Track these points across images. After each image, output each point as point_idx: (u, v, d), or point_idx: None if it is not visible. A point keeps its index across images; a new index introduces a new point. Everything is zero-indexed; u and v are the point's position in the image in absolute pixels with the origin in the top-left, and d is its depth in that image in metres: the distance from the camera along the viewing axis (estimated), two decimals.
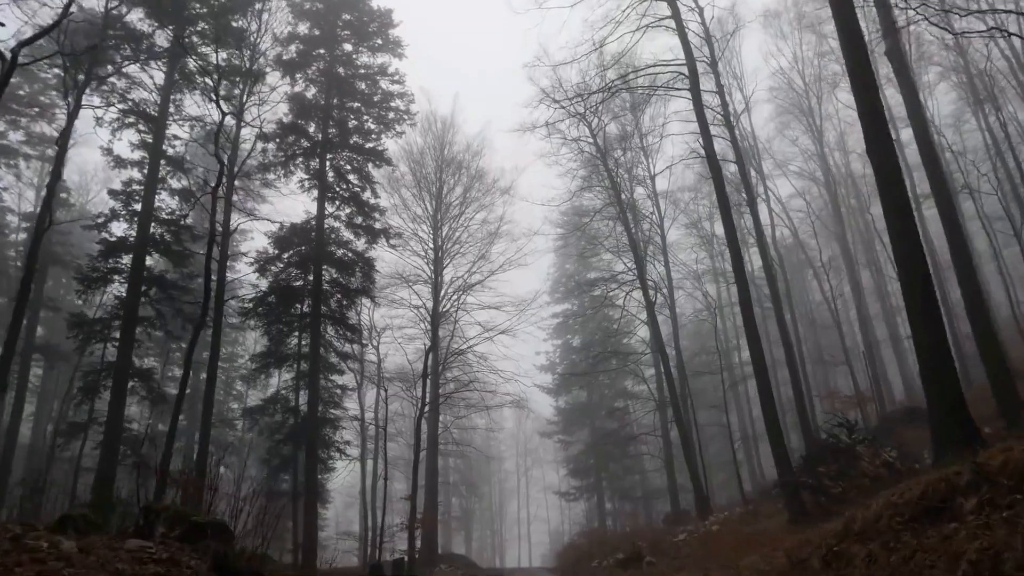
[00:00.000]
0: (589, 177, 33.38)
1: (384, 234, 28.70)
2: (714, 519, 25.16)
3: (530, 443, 73.33)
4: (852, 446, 18.55)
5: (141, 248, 24.50)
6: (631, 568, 21.26)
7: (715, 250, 49.47)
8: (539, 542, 74.08)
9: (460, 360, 34.43)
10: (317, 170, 27.76)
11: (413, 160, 35.95)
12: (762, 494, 28.38)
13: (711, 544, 20.11)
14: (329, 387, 28.54)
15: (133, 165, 26.21)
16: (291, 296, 27.08)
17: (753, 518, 22.92)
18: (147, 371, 24.79)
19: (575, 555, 31.45)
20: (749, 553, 17.11)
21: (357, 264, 27.94)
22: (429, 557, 31.21)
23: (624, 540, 30.09)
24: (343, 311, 27.70)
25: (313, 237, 27.24)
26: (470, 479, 59.16)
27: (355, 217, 28.45)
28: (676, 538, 24.26)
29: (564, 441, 52.19)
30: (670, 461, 36.98)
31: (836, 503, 17.29)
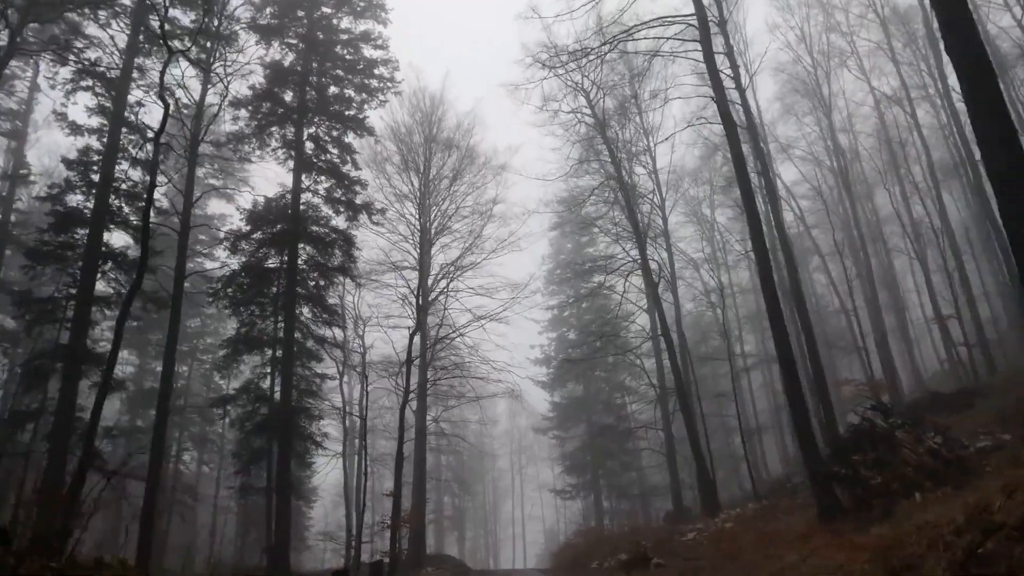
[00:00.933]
0: (587, 151, 30.78)
1: (366, 209, 26.13)
2: (725, 516, 22.65)
3: (524, 440, 70.71)
4: (890, 431, 16.04)
5: (99, 221, 21.89)
6: (636, 570, 18.72)
7: (716, 238, 47.07)
8: (534, 542, 71.44)
9: (450, 348, 31.83)
10: (293, 139, 25.21)
11: (400, 139, 33.41)
12: (774, 489, 25.89)
13: (727, 544, 17.59)
14: (307, 375, 25.96)
15: (91, 132, 23.71)
16: (264, 276, 24.54)
17: (770, 515, 20.40)
18: (102, 355, 22.08)
19: (572, 555, 28.91)
20: (776, 553, 14.60)
21: (336, 241, 25.35)
22: (416, 559, 28.60)
23: (624, 539, 27.52)
24: (320, 291, 25.10)
25: (288, 212, 24.65)
26: (463, 477, 56.42)
27: (335, 191, 25.92)
28: (684, 537, 21.75)
29: (560, 437, 49.62)
30: (672, 456, 34.48)
31: (876, 496, 14.82)
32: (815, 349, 20.80)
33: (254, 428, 23.17)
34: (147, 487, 18.40)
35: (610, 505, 47.44)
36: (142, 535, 18.04)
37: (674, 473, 34.20)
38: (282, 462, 22.21)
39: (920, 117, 34.64)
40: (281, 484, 22.13)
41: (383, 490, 26.97)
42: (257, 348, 24.16)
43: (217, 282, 23.88)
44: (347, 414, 27.10)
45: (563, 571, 26.33)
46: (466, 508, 65.48)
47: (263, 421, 23.12)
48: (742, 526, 19.53)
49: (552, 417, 49.96)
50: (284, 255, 24.51)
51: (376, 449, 47.57)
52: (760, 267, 17.65)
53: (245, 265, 24.16)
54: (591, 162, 31.00)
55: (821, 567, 10.96)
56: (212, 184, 27.82)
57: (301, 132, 25.32)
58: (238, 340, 23.81)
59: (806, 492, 22.56)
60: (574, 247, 44.95)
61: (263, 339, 24.16)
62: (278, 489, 22.24)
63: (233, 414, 24.81)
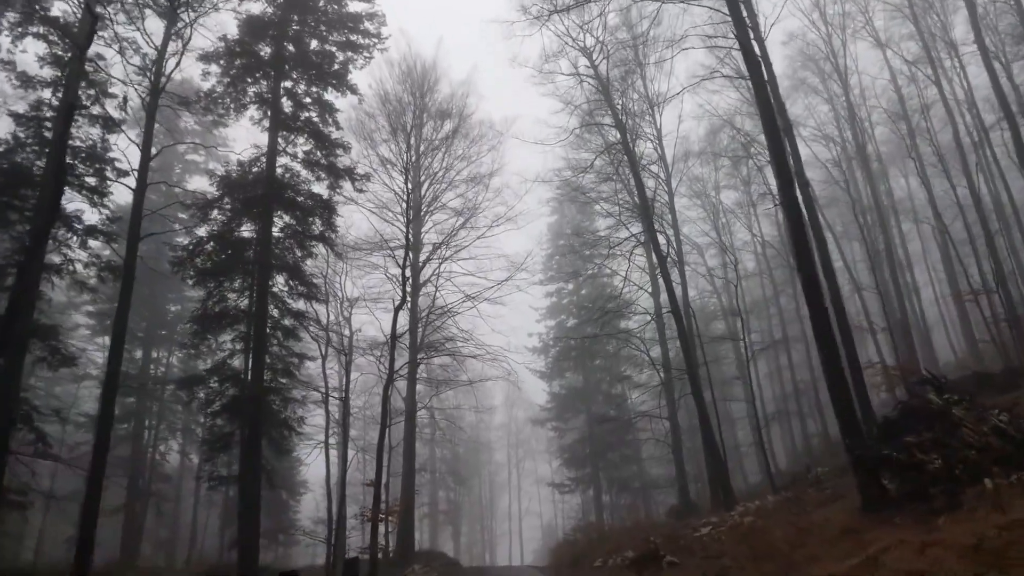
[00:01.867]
0: (590, 115, 28.09)
1: (349, 175, 23.54)
2: (742, 510, 20.04)
3: (522, 433, 68.12)
4: (946, 408, 13.46)
5: (55, 183, 19.25)
6: (648, 570, 16.18)
7: (720, 223, 44.52)
8: (531, 537, 68.76)
9: (442, 330, 29.24)
10: (268, 95, 22.62)
11: (389, 107, 30.75)
12: (792, 481, 23.32)
13: (753, 540, 15.01)
14: (283, 355, 23.36)
15: (44, 86, 21.14)
16: (236, 245, 21.92)
17: (796, 508, 17.84)
18: (52, 328, 19.51)
19: (571, 552, 26.35)
20: (820, 552, 12.06)
21: (316, 208, 22.76)
22: (403, 555, 26.05)
23: (628, 535, 24.97)
24: (298, 262, 22.51)
25: (263, 176, 22.08)
26: (458, 470, 53.78)
27: (314, 153, 23.31)
28: (697, 533, 19.16)
29: (558, 428, 47.02)
30: (678, 446, 31.99)
31: (935, 483, 12.28)
32: (847, 327, 18.20)
33: (220, 410, 20.56)
34: (89, 478, 15.79)
35: (610, 499, 44.84)
36: (82, 535, 15.44)
37: (680, 464, 31.68)
38: (250, 447, 19.65)
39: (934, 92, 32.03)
40: (249, 471, 19.56)
41: (365, 480, 24.10)
42: (227, 324, 21.52)
43: (182, 251, 21.25)
44: (329, 397, 24.41)
45: (563, 569, 23.77)
46: (461, 503, 62.84)
47: (230, 402, 20.54)
48: (766, 520, 16.93)
49: (550, 408, 47.44)
50: (257, 223, 21.92)
51: (367, 439, 44.96)
52: (791, 227, 15.16)
53: (213, 232, 21.54)
54: (593, 126, 28.37)
55: (897, 572, 8.43)
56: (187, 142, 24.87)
57: (278, 88, 22.75)
58: (206, 316, 21.15)
59: (833, 482, 20.07)
60: (573, 229, 42.19)
61: (234, 314, 21.53)
62: (246, 477, 19.67)
63: (201, 397, 22.11)
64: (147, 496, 34.73)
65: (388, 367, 20.70)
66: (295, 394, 23.75)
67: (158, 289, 35.73)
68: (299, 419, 22.92)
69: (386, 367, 21.24)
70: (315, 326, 25.05)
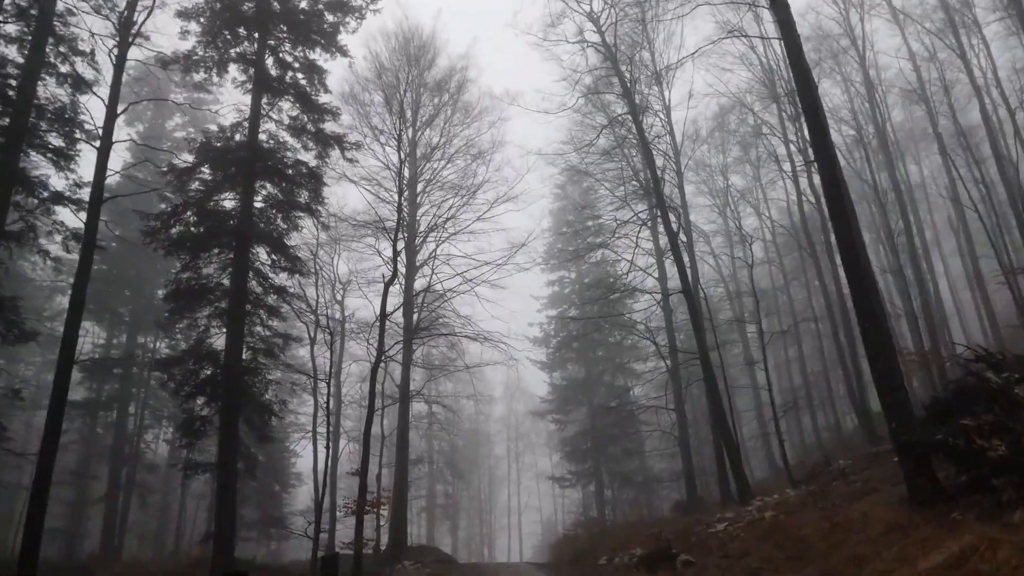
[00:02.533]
0: (596, 84, 26.15)
1: (338, 143, 21.65)
2: (760, 505, 18.24)
3: (522, 426, 66.25)
4: (1007, 387, 11.58)
5: (15, 142, 17.46)
6: (661, 570, 14.34)
7: (729, 211, 42.70)
8: (531, 533, 66.89)
9: (439, 313, 27.34)
10: (252, 54, 20.75)
11: (384, 80, 28.84)
12: (813, 474, 21.41)
13: (781, 538, 13.19)
14: (266, 336, 21.51)
15: (9, 42, 19.35)
16: (215, 216, 20.05)
17: (822, 501, 16.00)
18: (10, 300, 17.67)
19: (572, 549, 24.53)
20: (868, 552, 10.24)
21: (301, 177, 20.90)
22: (395, 551, 24.22)
23: (633, 532, 23.13)
24: (282, 235, 20.66)
25: (246, 143, 20.23)
26: (456, 463, 51.79)
27: (301, 119, 21.42)
28: (712, 529, 17.35)
29: (559, 420, 45.15)
30: (685, 437, 30.16)
31: (1000, 473, 10.48)
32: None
33: (193, 390, 18.69)
34: (39, 464, 13.97)
35: (612, 494, 42.92)
36: (29, 529, 13.60)
37: (687, 457, 29.87)
38: (226, 432, 17.80)
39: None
40: (224, 458, 17.72)
41: (350, 469, 22.01)
42: (205, 300, 19.60)
43: (155, 219, 19.37)
44: (319, 383, 22.53)
45: (563, 567, 21.94)
46: (460, 497, 60.97)
47: (203, 382, 18.69)
48: (791, 516, 15.10)
49: (551, 400, 45.55)
50: (238, 191, 20.07)
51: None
52: (828, 185, 13.26)
53: (190, 201, 19.68)
54: (599, 96, 26.48)
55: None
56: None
57: (263, 47, 20.89)
58: (180, 291, 19.24)
59: (860, 475, 18.25)
60: (577, 206, 40.07)
61: (212, 288, 19.65)
62: (219, 465, 17.86)
63: (178, 379, 20.20)
64: (131, 487, 32.92)
65: (378, 347, 18.82)
66: (280, 378, 21.89)
67: (145, 272, 33.99)
68: (281, 402, 21.03)
69: (376, 348, 19.36)
70: (303, 306, 23.24)
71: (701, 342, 21.09)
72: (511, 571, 21.87)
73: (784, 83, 30.46)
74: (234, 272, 19.16)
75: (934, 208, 44.91)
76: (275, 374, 21.81)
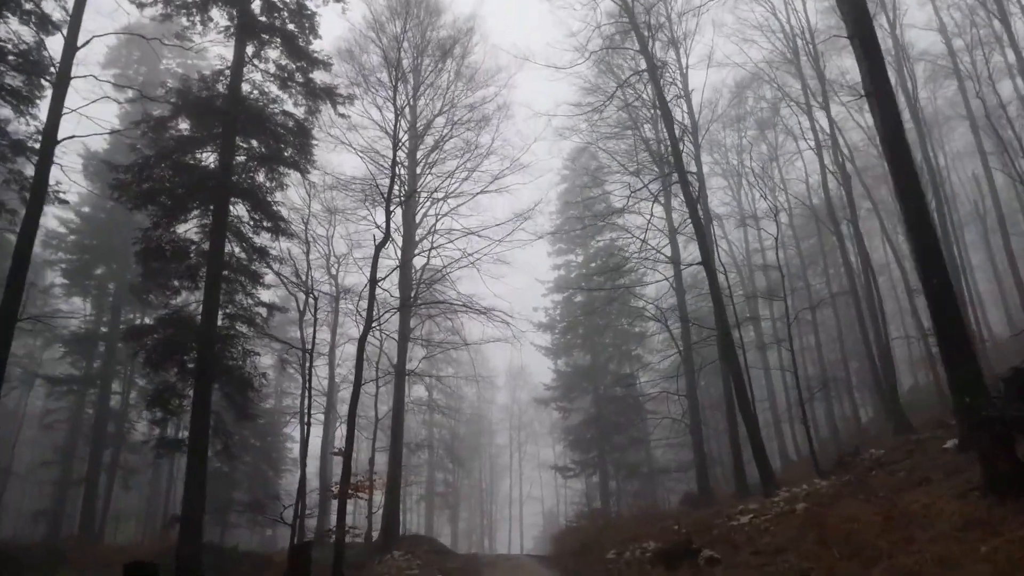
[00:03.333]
0: (611, 39, 23.93)
1: (329, 96, 19.61)
2: (787, 496, 16.19)
3: (524, 415, 64.19)
4: None
5: None
6: (681, 568, 12.31)
7: (744, 192, 40.60)
8: (532, 524, 64.88)
9: (438, 287, 25.32)
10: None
11: (385, 43, 26.70)
12: (842, 464, 19.36)
13: (822, 532, 11.16)
14: (249, 305, 19.50)
15: None
16: (193, 172, 18.04)
17: (862, 491, 13.97)
18: None
19: (578, 541, 22.53)
20: (946, 550, 8.23)
21: (288, 134, 18.87)
22: (387, 541, 22.28)
23: (642, 524, 21.18)
24: (265, 193, 18.65)
25: (227, 91, 18.23)
26: (457, 452, 49.74)
27: (289, 67, 19.38)
28: (734, 521, 15.35)
29: (563, 408, 43.10)
30: (697, 426, 28.21)
31: None
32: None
33: (160, 357, 16.70)
34: None
35: (616, 485, 40.89)
36: None
37: (699, 446, 27.93)
38: (198, 405, 15.85)
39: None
40: (196, 434, 15.78)
41: (333, 449, 19.62)
42: (178, 261, 17.55)
43: (125, 171, 17.36)
44: (307, 352, 20.51)
45: (567, 559, 19.93)
46: (460, 486, 58.98)
47: (173, 349, 16.68)
48: (828, 509, 13.05)
49: (556, 387, 43.49)
50: (218, 143, 18.07)
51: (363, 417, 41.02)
52: (885, 121, 11.17)
53: (164, 152, 17.67)
54: (617, 49, 24.33)
55: None
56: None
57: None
58: (150, 250, 17.23)
59: (900, 464, 16.19)
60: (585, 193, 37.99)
61: (186, 248, 17.65)
62: (191, 441, 15.89)
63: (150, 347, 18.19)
64: (115, 468, 31.04)
65: (366, 315, 16.80)
66: (262, 349, 19.88)
67: (132, 243, 31.99)
68: (262, 375, 19.02)
69: (365, 317, 17.31)
70: (291, 277, 21.24)
71: (721, 316, 18.98)
72: (510, 564, 19.90)
73: (809, 49, 28.34)
74: (212, 231, 17.23)
75: (955, 195, 42.65)
76: (257, 346, 19.81)
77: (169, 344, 16.87)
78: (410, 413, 40.09)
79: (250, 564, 20.10)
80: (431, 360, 30.18)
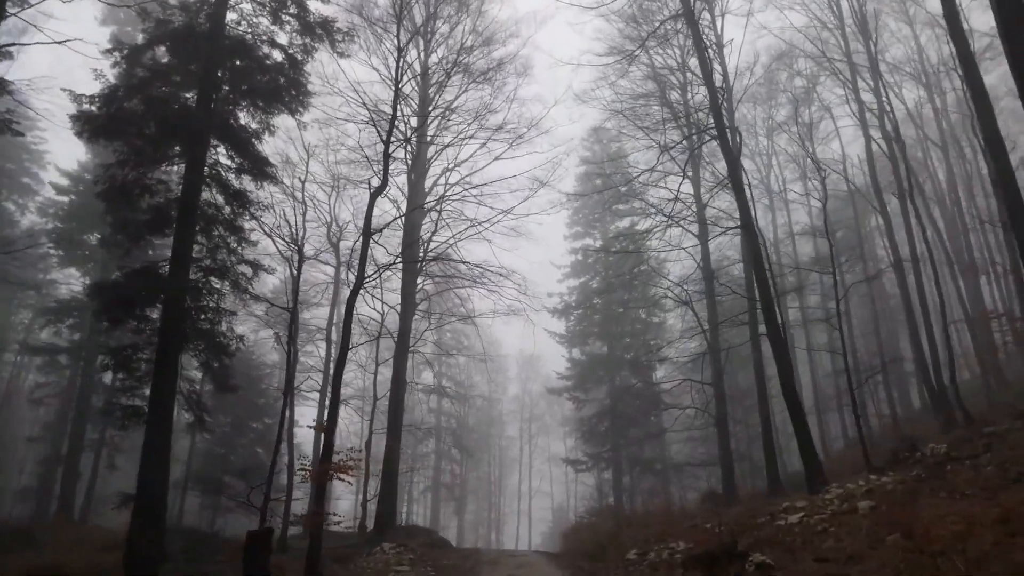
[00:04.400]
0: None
1: (326, 30, 17.18)
2: (843, 493, 13.58)
3: (536, 408, 61.67)
4: None
5: None
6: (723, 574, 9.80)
7: (774, 175, 37.89)
8: (541, 519, 62.31)
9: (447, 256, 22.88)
10: None
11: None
12: (897, 459, 16.73)
13: (902, 535, 8.63)
14: (232, 262, 17.11)
15: None
16: (165, 105, 15.69)
17: (942, 488, 11.40)
18: None
19: (591, 539, 20.01)
20: None
21: (278, 68, 16.49)
22: (380, 532, 19.89)
23: (666, 522, 18.60)
24: (249, 134, 16.28)
25: (210, 19, 15.89)
26: (465, 442, 47.15)
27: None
28: (781, 521, 12.79)
29: (577, 399, 40.56)
30: (723, 418, 25.65)
31: None
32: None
33: (119, 311, 14.34)
34: None
35: (630, 481, 38.28)
36: None
37: (724, 438, 25.32)
38: (161, 367, 13.52)
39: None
40: (158, 397, 13.45)
41: (312, 423, 16.91)
42: (143, 198, 15.16)
43: (91, 100, 15.03)
44: (287, 308, 18.10)
45: (581, 559, 17.42)
46: (468, 478, 56.51)
47: (132, 302, 14.32)
48: (901, 509, 10.46)
49: (570, 376, 40.92)
50: (197, 76, 15.72)
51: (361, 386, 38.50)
52: None
53: (135, 84, 15.35)
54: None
55: None
56: None
57: None
58: (114, 189, 14.88)
59: (980, 458, 13.59)
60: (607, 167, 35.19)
61: (154, 188, 15.29)
62: (151, 408, 13.57)
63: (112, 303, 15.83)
64: (101, 445, 28.84)
65: (358, 271, 14.39)
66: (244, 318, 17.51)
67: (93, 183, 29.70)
68: (239, 339, 16.59)
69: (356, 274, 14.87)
70: (281, 234, 18.86)
71: (764, 284, 16.32)
72: (516, 562, 17.44)
73: (856, 12, 25.66)
74: (187, 169, 14.90)
75: None
76: (238, 308, 17.47)
77: (130, 295, 14.48)
78: (415, 395, 37.80)
79: (229, 551, 17.92)
80: (439, 339, 27.85)
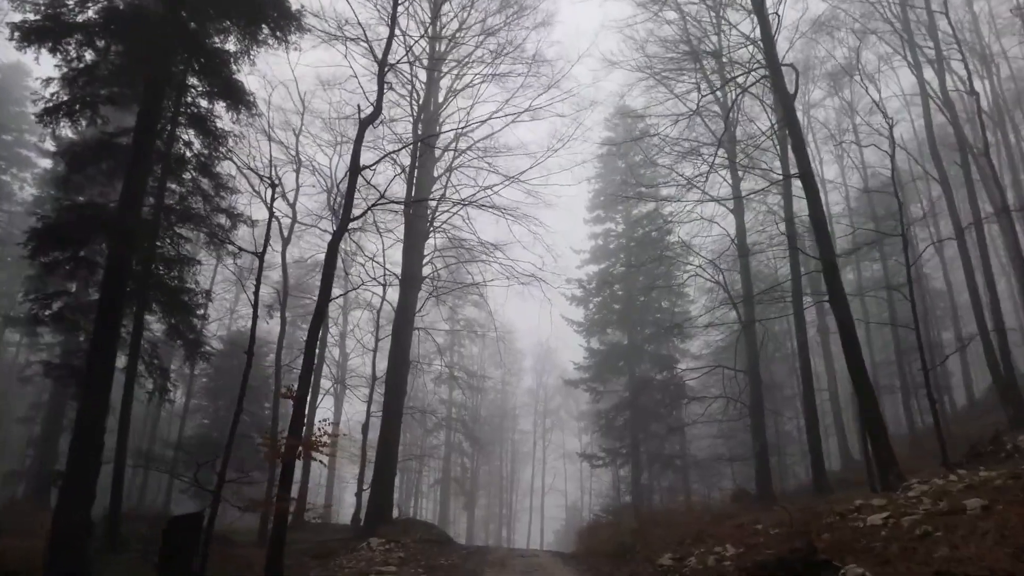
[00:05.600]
0: None
1: None
2: (930, 490, 10.74)
3: (551, 401, 58.83)
4: None
5: None
6: None
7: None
8: (554, 517, 59.35)
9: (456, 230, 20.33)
10: None
11: None
12: (974, 452, 13.93)
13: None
14: (201, 210, 14.57)
15: None
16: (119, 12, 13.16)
17: None
18: None
19: (611, 539, 17.35)
20: None
21: None
22: (372, 523, 17.29)
23: (703, 520, 15.87)
24: (224, 53, 13.71)
25: None
26: (477, 434, 44.37)
27: None
28: (856, 523, 10.01)
29: (594, 390, 37.64)
30: (758, 408, 22.88)
31: None
32: None
33: (57, 258, 11.81)
34: None
35: (649, 478, 35.43)
36: None
37: (759, 430, 22.58)
38: (104, 317, 11.00)
39: None
40: (96, 359, 10.93)
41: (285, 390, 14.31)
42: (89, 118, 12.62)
43: (34, 9, 12.54)
44: (254, 253, 15.42)
45: (601, 561, 14.73)
46: (479, 472, 53.79)
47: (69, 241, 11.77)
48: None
49: (588, 367, 38.05)
50: None
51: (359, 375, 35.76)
52: None
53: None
54: None
55: None
56: None
57: None
58: (56, 107, 12.34)
59: None
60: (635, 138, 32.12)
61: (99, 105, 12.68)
62: (87, 369, 11.03)
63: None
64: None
65: (343, 209, 11.79)
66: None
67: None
68: (204, 292, 14.05)
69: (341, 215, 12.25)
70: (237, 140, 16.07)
71: (825, 243, 13.43)
72: (525, 563, 14.74)
73: None
74: (144, 88, 12.31)
75: None
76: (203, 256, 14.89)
77: (63, 230, 11.90)
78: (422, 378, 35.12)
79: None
80: (450, 316, 25.25)
